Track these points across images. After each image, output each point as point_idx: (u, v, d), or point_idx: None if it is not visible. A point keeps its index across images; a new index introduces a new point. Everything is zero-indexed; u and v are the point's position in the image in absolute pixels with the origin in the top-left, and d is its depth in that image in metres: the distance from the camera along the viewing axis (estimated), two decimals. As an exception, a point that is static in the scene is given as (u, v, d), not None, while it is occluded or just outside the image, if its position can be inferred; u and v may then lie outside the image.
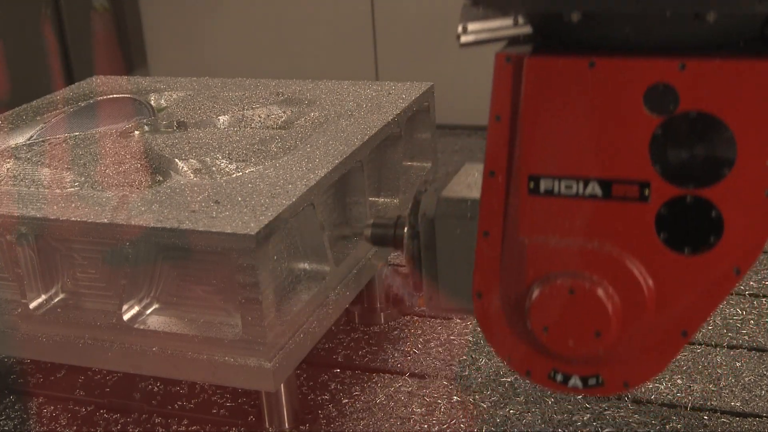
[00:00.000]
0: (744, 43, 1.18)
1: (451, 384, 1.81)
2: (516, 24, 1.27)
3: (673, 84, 1.17)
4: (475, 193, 1.39)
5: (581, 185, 1.24)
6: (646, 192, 1.22)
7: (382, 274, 1.60)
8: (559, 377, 1.37)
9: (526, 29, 1.28)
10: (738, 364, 1.81)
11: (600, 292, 1.26)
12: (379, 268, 1.62)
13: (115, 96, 2.14)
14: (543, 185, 1.26)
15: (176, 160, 1.74)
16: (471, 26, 1.29)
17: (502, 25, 1.28)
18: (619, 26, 1.18)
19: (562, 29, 1.22)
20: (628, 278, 1.26)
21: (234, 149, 1.77)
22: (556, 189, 1.25)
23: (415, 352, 1.93)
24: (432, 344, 1.96)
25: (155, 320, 1.59)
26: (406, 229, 1.48)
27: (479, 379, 1.81)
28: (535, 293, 1.29)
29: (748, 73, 1.14)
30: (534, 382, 1.39)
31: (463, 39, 1.30)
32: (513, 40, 1.29)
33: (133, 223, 1.50)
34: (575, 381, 1.36)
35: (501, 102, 1.26)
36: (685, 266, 1.24)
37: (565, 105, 1.22)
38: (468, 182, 1.49)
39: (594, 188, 1.24)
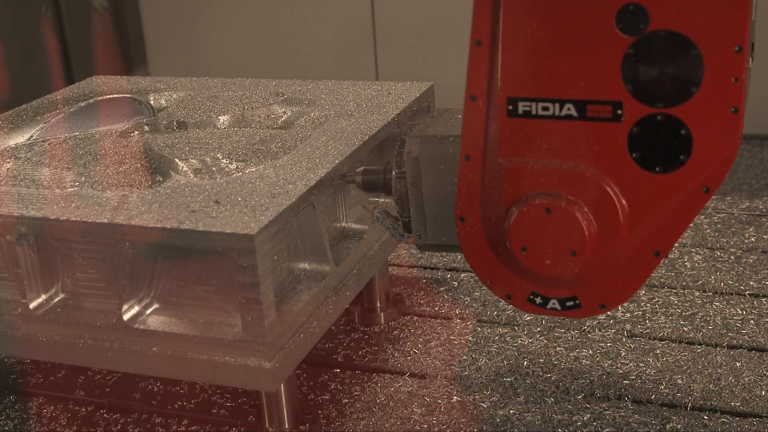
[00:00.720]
0: None
1: (451, 384, 1.81)
2: None
3: (644, 4, 1.21)
4: (457, 131, 1.44)
5: (557, 106, 1.29)
6: (619, 112, 1.26)
7: (373, 216, 1.62)
8: (538, 300, 1.42)
9: None
10: (738, 364, 1.81)
11: (575, 211, 1.31)
12: (371, 209, 1.64)
13: (115, 96, 2.14)
14: (521, 107, 1.30)
15: (176, 160, 1.74)
16: None
17: None
18: None
19: None
20: (602, 198, 1.31)
21: (234, 149, 1.77)
22: (533, 111, 1.30)
23: (415, 352, 1.93)
24: (432, 344, 1.96)
25: (155, 320, 1.59)
26: (393, 171, 1.54)
27: (479, 379, 1.81)
28: (514, 213, 1.34)
29: None
30: (514, 306, 1.44)
31: None
32: None
33: (133, 223, 1.50)
34: (554, 303, 1.42)
35: (481, 26, 1.30)
36: (657, 185, 1.28)
37: (541, 28, 1.27)
38: (450, 123, 1.55)
39: (569, 109, 1.28)
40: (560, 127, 1.30)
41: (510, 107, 1.31)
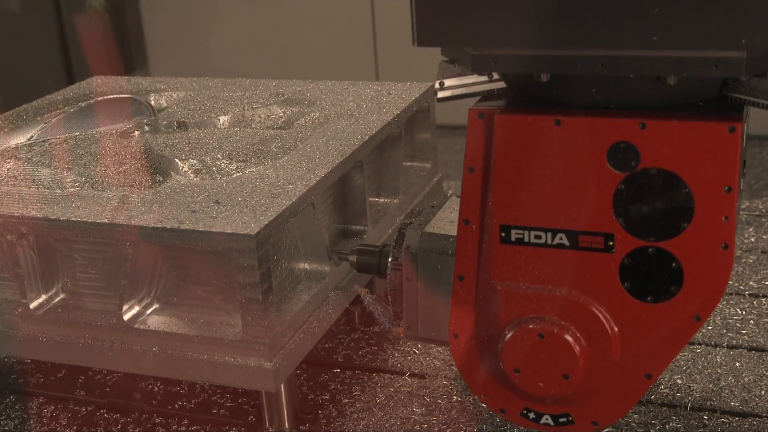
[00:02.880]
0: (703, 102, 1.25)
1: (451, 384, 1.81)
2: (491, 80, 1.34)
3: (634, 142, 1.23)
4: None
5: (549, 236, 1.30)
6: (611, 243, 1.28)
7: (364, 300, 1.64)
8: (531, 415, 1.44)
9: (500, 85, 1.34)
10: (738, 364, 1.81)
11: (568, 336, 1.33)
12: (362, 294, 1.68)
13: (115, 96, 2.14)
14: (514, 234, 1.32)
15: (176, 160, 1.74)
16: (448, 82, 1.37)
17: (477, 80, 1.35)
18: (585, 87, 1.24)
19: (532, 87, 1.28)
20: (594, 324, 1.33)
21: (234, 149, 1.78)
22: (525, 238, 1.32)
23: (415, 352, 1.93)
24: (432, 344, 1.96)
25: (155, 320, 1.59)
26: (390, 259, 1.55)
27: (479, 379, 1.81)
28: (507, 336, 1.36)
29: (705, 132, 1.20)
30: (507, 419, 1.46)
31: (440, 94, 1.38)
32: (487, 95, 1.36)
33: (133, 223, 1.50)
34: (546, 419, 1.43)
35: (474, 155, 1.33)
36: (648, 313, 1.30)
37: (533, 159, 1.28)
38: (452, 218, 1.55)
39: (561, 239, 1.30)
40: (553, 255, 1.31)
41: (503, 234, 1.33)
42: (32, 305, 1.64)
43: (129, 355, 1.58)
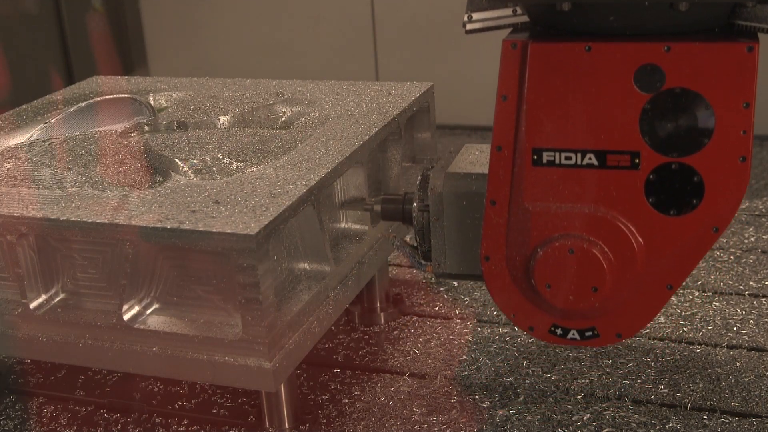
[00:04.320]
0: (719, 29, 1.36)
1: (451, 384, 1.81)
2: (515, 13, 1.44)
3: (660, 64, 1.34)
4: (478, 168, 1.58)
5: (579, 156, 1.41)
6: (637, 161, 1.39)
7: (393, 244, 1.73)
8: (558, 331, 1.54)
9: (525, 18, 1.44)
10: (738, 364, 1.81)
11: (596, 251, 1.43)
12: (390, 238, 1.75)
13: (115, 96, 2.14)
14: (545, 157, 1.42)
15: (176, 160, 1.74)
16: (476, 15, 1.46)
17: (503, 14, 1.45)
18: (612, 14, 1.34)
19: (561, 18, 1.37)
20: (620, 239, 1.43)
21: (234, 149, 1.78)
22: (557, 160, 1.42)
23: (415, 352, 1.93)
24: (432, 344, 1.96)
25: (155, 320, 1.59)
26: (415, 203, 1.65)
27: (479, 379, 1.81)
28: (539, 254, 1.46)
29: (725, 53, 1.31)
30: (536, 337, 1.56)
31: (469, 26, 1.47)
32: (516, 28, 1.46)
33: (133, 223, 1.50)
34: (573, 334, 1.53)
35: (507, 83, 1.41)
36: (671, 226, 1.41)
37: (564, 84, 1.38)
38: (470, 160, 1.66)
39: (591, 159, 1.40)
40: (582, 174, 1.41)
41: (535, 157, 1.42)
42: (32, 305, 1.64)
43: (129, 355, 1.58)
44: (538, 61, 1.38)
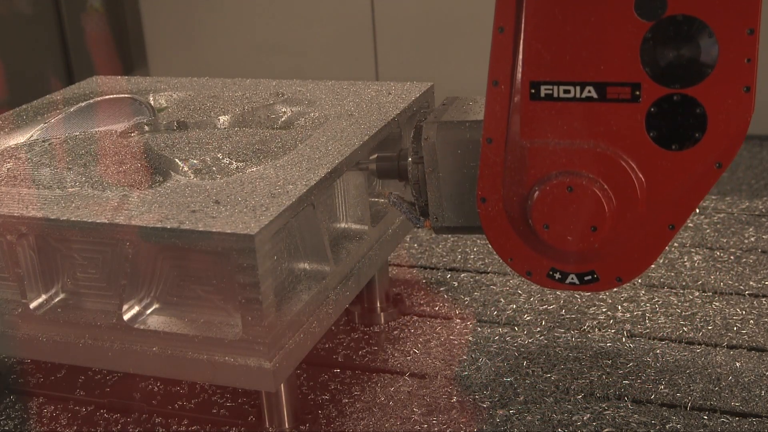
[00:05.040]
0: None
1: (451, 384, 1.81)
2: None
3: None
4: (472, 116, 1.53)
5: (578, 89, 1.37)
6: (637, 93, 1.34)
7: (390, 201, 1.69)
8: (557, 276, 1.49)
9: None
10: (738, 364, 1.81)
11: (596, 188, 1.38)
12: (386, 195, 1.71)
13: (115, 96, 2.14)
14: (543, 90, 1.38)
15: (176, 160, 1.74)
16: None
17: None
18: None
19: None
20: (621, 175, 1.39)
21: (234, 149, 1.78)
22: (555, 93, 1.38)
23: (415, 352, 1.93)
24: (432, 344, 1.96)
25: (155, 320, 1.59)
26: (409, 157, 1.60)
27: (479, 379, 1.81)
28: (536, 192, 1.41)
29: None
30: (534, 282, 1.51)
31: None
32: None
33: (133, 223, 1.50)
34: (572, 278, 1.49)
35: (504, 14, 1.37)
36: (673, 162, 1.37)
37: (563, 14, 1.34)
38: (464, 109, 1.61)
39: (590, 91, 1.36)
40: (581, 108, 1.37)
41: (533, 91, 1.38)
42: (32, 305, 1.64)
43: (129, 355, 1.58)
44: None
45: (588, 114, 1.37)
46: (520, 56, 1.37)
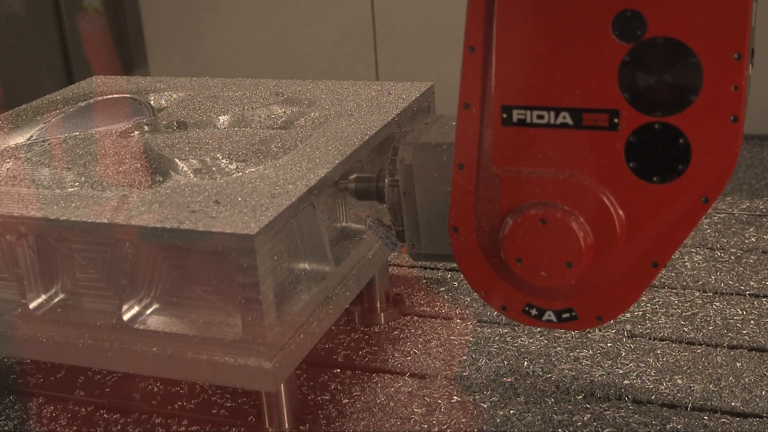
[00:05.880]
0: None
1: (451, 384, 1.81)
2: None
3: (641, 9, 1.19)
4: (451, 138, 1.41)
5: (552, 115, 1.26)
6: (616, 120, 1.24)
7: (366, 224, 1.62)
8: (533, 312, 1.39)
9: None
10: (738, 365, 1.81)
11: (571, 221, 1.28)
12: (363, 218, 1.64)
13: (114, 96, 2.14)
14: (515, 115, 1.28)
15: (176, 160, 1.74)
16: None
17: None
18: None
19: None
20: (599, 208, 1.28)
21: (234, 149, 1.77)
22: (528, 119, 1.28)
23: (415, 352, 1.93)
24: (432, 344, 1.96)
25: (155, 320, 1.59)
26: (386, 179, 1.51)
27: (479, 379, 1.81)
28: (509, 224, 1.32)
29: None
30: (509, 317, 1.41)
31: None
32: None
33: (133, 223, 1.50)
34: (549, 315, 1.39)
35: (475, 33, 1.28)
36: (655, 195, 1.26)
37: (536, 33, 1.24)
38: (444, 130, 1.52)
39: (565, 117, 1.26)
40: (556, 135, 1.28)
41: (504, 115, 1.29)
42: (32, 305, 1.64)
43: (129, 355, 1.58)
44: (507, 7, 1.25)
45: (563, 142, 1.27)
46: (492, 78, 1.29)
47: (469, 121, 1.32)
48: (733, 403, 1.69)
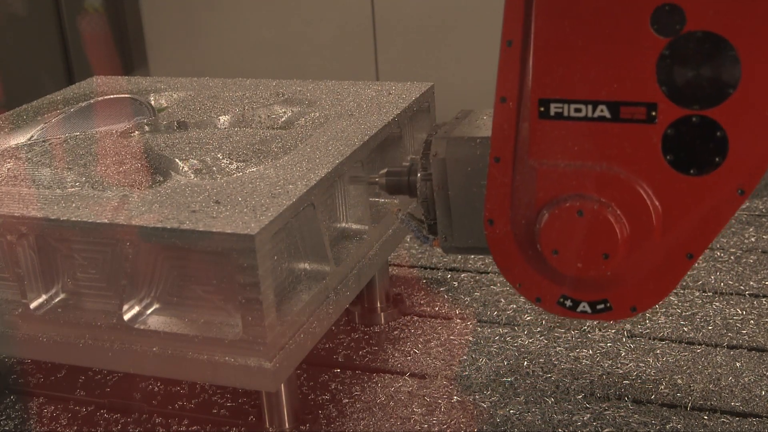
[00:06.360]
0: None
1: (451, 384, 1.81)
2: None
3: (680, 3, 1.20)
4: (484, 132, 1.45)
5: (590, 108, 1.28)
6: (653, 113, 1.25)
7: (398, 218, 1.63)
8: (568, 303, 1.41)
9: None
10: (738, 364, 1.81)
11: (608, 213, 1.30)
12: (395, 212, 1.65)
13: (115, 96, 2.14)
14: (553, 109, 1.30)
15: (176, 160, 1.74)
16: None
17: None
18: None
19: None
20: (635, 200, 1.30)
21: (234, 149, 1.78)
22: (565, 112, 1.29)
23: (415, 352, 1.93)
24: (432, 344, 1.96)
25: (155, 320, 1.59)
26: (419, 173, 1.53)
27: (479, 379, 1.81)
28: (545, 216, 1.34)
29: None
30: (544, 309, 1.43)
31: None
32: None
33: (133, 223, 1.50)
34: (584, 306, 1.40)
35: (512, 27, 1.29)
36: (691, 187, 1.28)
37: (574, 28, 1.25)
38: (477, 124, 1.54)
39: (602, 111, 1.28)
40: (593, 128, 1.29)
41: (541, 109, 1.31)
42: (32, 305, 1.64)
43: (129, 355, 1.58)
44: (546, 1, 1.26)
45: (600, 135, 1.29)
46: (529, 72, 1.30)
47: (506, 114, 1.33)
48: (733, 403, 1.69)
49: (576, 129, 1.30)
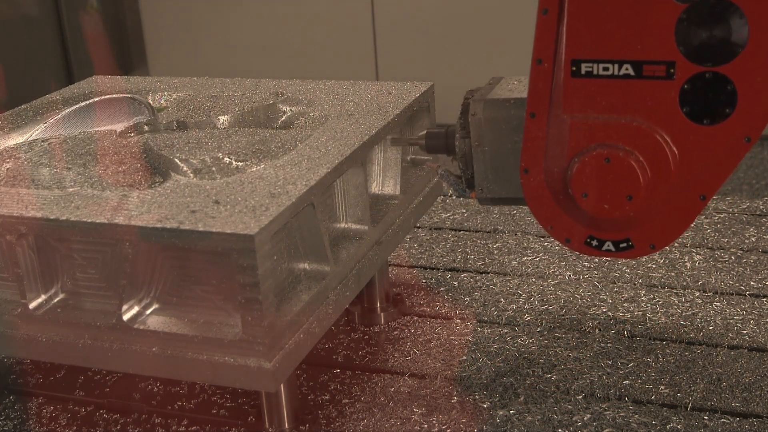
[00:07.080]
0: None
1: (451, 384, 1.81)
2: None
3: None
4: (516, 94, 1.66)
5: (616, 67, 1.47)
6: (672, 71, 1.45)
7: (438, 174, 1.81)
8: (594, 243, 1.61)
9: None
10: (739, 365, 1.81)
11: (632, 160, 1.49)
12: (435, 168, 1.83)
13: (114, 96, 2.14)
14: (584, 68, 1.49)
15: (176, 160, 1.74)
16: None
17: None
18: None
19: None
20: (655, 148, 1.49)
21: (234, 149, 1.77)
22: (595, 71, 1.49)
23: (415, 352, 1.93)
24: (432, 344, 1.96)
25: (155, 320, 1.59)
26: (456, 132, 1.71)
27: (479, 379, 1.81)
28: (576, 164, 1.52)
29: None
30: (572, 249, 1.64)
31: None
32: None
33: (132, 223, 1.50)
34: (608, 245, 1.60)
35: None
36: (704, 136, 1.47)
37: None
38: (509, 88, 1.74)
39: (627, 69, 1.47)
40: (619, 85, 1.47)
41: (574, 68, 1.48)
42: (32, 305, 1.64)
43: (128, 355, 1.58)
44: None
45: (625, 90, 1.47)
46: (563, 36, 1.47)
47: (541, 74, 1.51)
48: (733, 403, 1.69)
49: (604, 86, 1.48)
